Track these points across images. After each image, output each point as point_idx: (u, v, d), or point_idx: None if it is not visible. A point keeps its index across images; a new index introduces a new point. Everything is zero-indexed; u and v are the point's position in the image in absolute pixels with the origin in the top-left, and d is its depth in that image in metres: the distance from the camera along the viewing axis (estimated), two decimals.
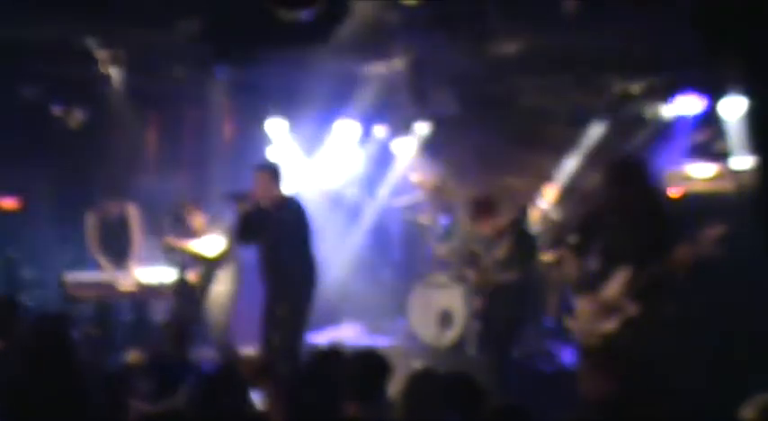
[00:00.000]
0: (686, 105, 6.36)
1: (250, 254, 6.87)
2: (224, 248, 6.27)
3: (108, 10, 5.42)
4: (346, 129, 7.95)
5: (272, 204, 5.41)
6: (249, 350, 6.94)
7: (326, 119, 7.86)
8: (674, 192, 5.68)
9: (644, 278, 3.95)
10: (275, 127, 7.73)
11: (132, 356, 4.32)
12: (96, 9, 5.40)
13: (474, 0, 5.07)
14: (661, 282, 4.00)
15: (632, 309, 3.98)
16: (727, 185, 5.42)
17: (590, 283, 4.21)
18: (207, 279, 6.37)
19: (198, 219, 6.42)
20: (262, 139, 7.98)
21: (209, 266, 6.35)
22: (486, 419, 3.05)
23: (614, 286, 4.05)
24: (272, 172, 5.54)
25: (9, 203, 7.20)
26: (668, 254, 3.86)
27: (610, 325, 4.03)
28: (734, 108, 6.05)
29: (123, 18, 5.63)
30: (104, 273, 6.41)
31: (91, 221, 6.54)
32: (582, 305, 4.18)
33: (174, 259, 6.46)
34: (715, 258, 3.86)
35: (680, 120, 6.48)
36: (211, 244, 6.26)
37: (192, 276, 6.43)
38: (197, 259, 6.38)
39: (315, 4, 4.16)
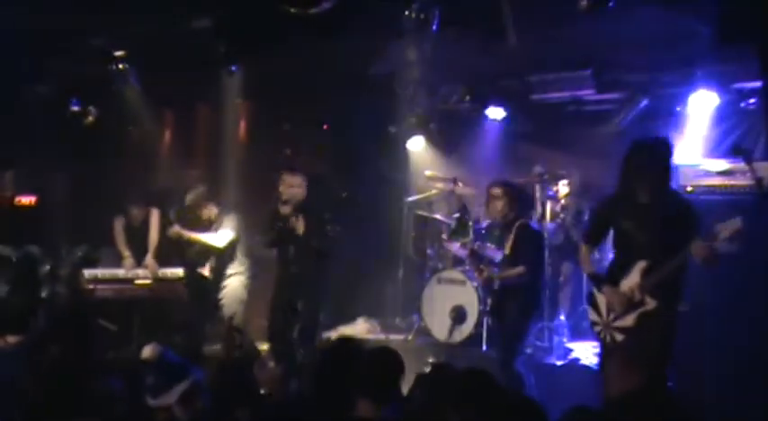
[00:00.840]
0: (703, 100, 6.30)
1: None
2: (232, 240, 6.29)
3: (123, 8, 5.47)
4: (361, 126, 7.98)
5: (299, 203, 5.58)
6: (263, 345, 7.00)
7: (341, 117, 7.89)
8: (688, 187, 5.64)
9: (661, 272, 3.93)
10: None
11: (148, 351, 4.35)
12: (111, 7, 5.45)
13: None
14: (678, 277, 3.98)
15: (650, 304, 3.96)
16: (742, 180, 5.37)
17: (608, 276, 4.20)
18: (218, 273, 6.39)
19: (210, 211, 6.43)
20: (275, 137, 8.03)
21: (220, 259, 6.38)
22: (500, 414, 3.05)
23: (631, 280, 4.03)
24: (301, 175, 5.71)
25: (27, 200, 7.29)
26: (684, 248, 3.84)
27: (629, 319, 4.03)
28: (749, 101, 6.00)
29: (138, 16, 5.68)
30: (122, 269, 6.49)
31: (118, 226, 6.64)
32: (602, 298, 4.17)
33: (187, 253, 6.50)
34: (731, 253, 3.83)
35: (696, 115, 6.43)
36: (220, 235, 6.29)
37: (204, 271, 6.47)
38: (206, 250, 6.41)
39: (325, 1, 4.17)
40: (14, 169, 7.00)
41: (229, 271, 6.39)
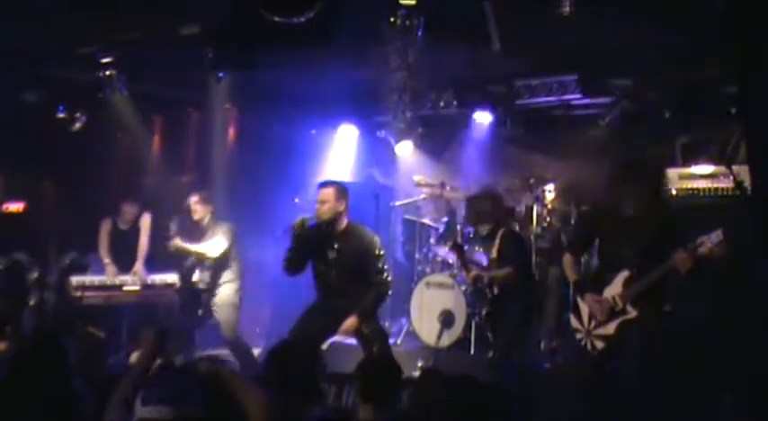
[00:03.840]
0: (683, 103, 6.38)
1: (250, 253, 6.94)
2: (226, 248, 6.29)
3: (111, 15, 5.47)
4: (348, 131, 8.03)
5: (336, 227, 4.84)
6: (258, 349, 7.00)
7: (327, 122, 7.92)
8: (672, 190, 5.70)
9: (643, 282, 3.98)
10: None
11: (135, 358, 4.33)
12: (99, 14, 5.45)
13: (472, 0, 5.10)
14: (660, 286, 4.03)
15: (632, 313, 4.01)
16: (725, 184, 5.44)
17: (591, 284, 4.24)
18: (213, 280, 6.39)
19: (202, 213, 6.35)
20: (265, 142, 8.05)
21: (214, 267, 6.38)
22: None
23: (614, 289, 4.08)
24: (339, 189, 4.89)
25: (15, 207, 7.28)
26: (668, 257, 3.89)
27: (610, 328, 4.07)
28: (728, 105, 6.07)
29: (126, 22, 5.70)
30: (109, 276, 6.48)
31: (104, 229, 6.62)
32: (584, 306, 4.21)
33: (180, 261, 6.48)
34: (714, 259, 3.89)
35: (680, 118, 6.50)
36: (214, 245, 6.28)
37: (197, 278, 6.45)
38: (202, 260, 6.40)
39: (310, 9, 4.20)
40: (2, 176, 6.98)
41: (222, 279, 6.39)
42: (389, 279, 4.89)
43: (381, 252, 4.86)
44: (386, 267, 4.88)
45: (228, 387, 2.74)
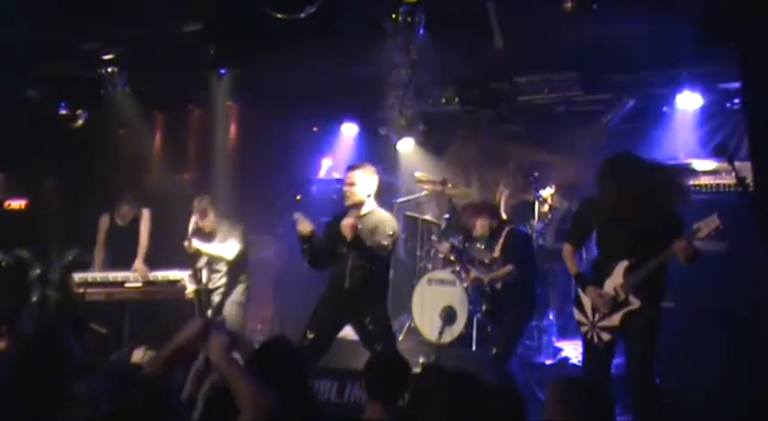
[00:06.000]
0: (689, 101, 6.37)
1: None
2: (240, 250, 6.24)
3: (112, 11, 5.48)
4: (349, 129, 8.02)
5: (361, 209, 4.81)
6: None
7: (329, 119, 7.92)
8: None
9: (643, 271, 3.99)
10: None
11: (137, 355, 4.35)
12: (101, 10, 5.45)
13: None
14: (660, 275, 4.04)
15: (635, 304, 4.02)
16: (727, 180, 5.44)
17: (592, 276, 4.25)
18: (231, 281, 6.37)
19: (210, 220, 6.30)
20: (266, 139, 8.05)
21: (231, 269, 6.34)
22: (488, 416, 3.09)
23: (615, 280, 4.09)
24: (367, 170, 4.84)
25: (17, 204, 7.29)
26: (666, 245, 3.90)
27: (615, 319, 4.08)
28: (734, 102, 6.07)
29: (127, 19, 5.70)
30: (112, 272, 6.49)
31: (103, 223, 6.63)
32: (586, 299, 4.22)
33: (192, 262, 6.40)
34: (715, 252, 3.89)
35: (682, 115, 6.50)
36: (229, 247, 6.23)
37: (205, 280, 6.42)
38: (219, 261, 6.34)
39: (311, 5, 4.20)
40: (4, 173, 6.99)
41: (238, 280, 6.38)
42: (387, 254, 4.76)
43: (391, 232, 4.70)
44: (386, 244, 4.69)
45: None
